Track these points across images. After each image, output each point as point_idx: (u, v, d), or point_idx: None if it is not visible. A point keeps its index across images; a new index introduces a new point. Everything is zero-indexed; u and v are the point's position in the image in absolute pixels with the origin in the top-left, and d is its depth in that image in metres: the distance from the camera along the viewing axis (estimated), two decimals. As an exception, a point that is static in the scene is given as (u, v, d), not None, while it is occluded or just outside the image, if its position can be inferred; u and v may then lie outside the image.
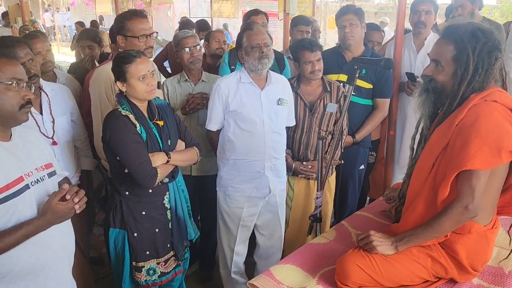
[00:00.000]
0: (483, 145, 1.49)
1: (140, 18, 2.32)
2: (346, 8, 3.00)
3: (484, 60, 1.55)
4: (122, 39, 2.31)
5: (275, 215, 2.63)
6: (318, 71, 2.59)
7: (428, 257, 1.66)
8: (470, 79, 1.57)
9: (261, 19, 3.23)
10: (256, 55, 2.30)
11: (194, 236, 2.32)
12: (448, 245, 1.66)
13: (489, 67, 1.56)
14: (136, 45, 2.25)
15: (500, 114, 1.52)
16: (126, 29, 2.29)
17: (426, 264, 1.66)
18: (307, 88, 2.68)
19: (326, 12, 13.78)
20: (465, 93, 1.59)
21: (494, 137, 1.49)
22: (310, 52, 2.57)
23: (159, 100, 2.18)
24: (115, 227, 2.09)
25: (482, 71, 1.55)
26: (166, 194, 2.13)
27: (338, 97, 2.69)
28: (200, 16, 10.70)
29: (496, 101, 1.55)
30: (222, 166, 2.51)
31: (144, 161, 1.95)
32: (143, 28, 2.30)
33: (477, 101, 1.55)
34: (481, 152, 1.48)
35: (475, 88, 1.58)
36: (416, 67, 3.11)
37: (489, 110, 1.53)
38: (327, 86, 2.68)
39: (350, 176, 3.04)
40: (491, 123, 1.51)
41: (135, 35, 2.28)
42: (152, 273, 2.14)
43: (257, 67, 2.32)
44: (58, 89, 2.40)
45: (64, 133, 2.36)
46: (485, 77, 1.57)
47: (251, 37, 2.33)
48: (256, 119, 2.37)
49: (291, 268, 1.80)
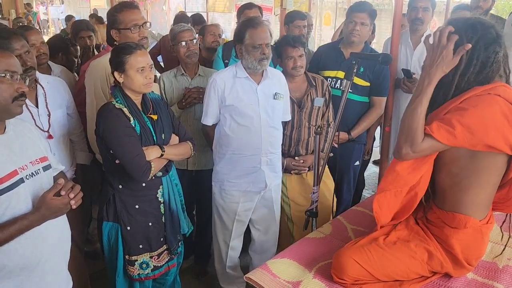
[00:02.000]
0: (464, 124, 1.48)
1: (130, 9, 2.29)
2: (362, 6, 2.91)
3: (480, 52, 1.53)
4: (116, 33, 2.29)
5: (271, 210, 2.64)
6: (300, 67, 2.59)
7: (426, 251, 1.67)
8: (464, 70, 1.55)
9: (255, 13, 3.22)
10: (257, 55, 2.29)
11: (188, 230, 2.32)
12: (444, 239, 1.67)
13: (486, 60, 1.53)
14: (130, 37, 2.23)
15: (499, 108, 1.50)
16: (118, 22, 2.27)
17: (423, 259, 1.67)
18: (292, 84, 2.67)
19: (322, 8, 13.74)
20: (459, 84, 1.57)
21: (480, 126, 1.48)
22: (292, 48, 2.57)
23: (153, 94, 2.17)
24: (109, 221, 2.09)
25: (477, 63, 1.53)
26: (160, 188, 2.12)
27: (323, 90, 2.71)
28: (195, 10, 10.65)
29: (500, 95, 1.53)
30: (218, 161, 2.51)
31: (138, 154, 1.94)
32: (135, 18, 2.28)
33: (479, 92, 1.53)
34: (462, 128, 1.48)
35: (471, 80, 1.56)
36: (413, 64, 3.12)
37: (491, 102, 1.51)
38: (311, 80, 2.69)
39: (345, 172, 3.05)
40: (487, 114, 1.49)
41: (127, 26, 2.26)
42: (145, 267, 2.14)
43: (256, 67, 2.31)
44: (54, 82, 2.38)
45: (60, 127, 2.34)
46: (481, 70, 1.55)
47: (255, 36, 2.29)
48: (252, 113, 2.37)
49: (287, 262, 1.80)
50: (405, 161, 1.62)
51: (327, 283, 1.68)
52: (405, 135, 1.55)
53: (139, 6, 2.40)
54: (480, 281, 1.70)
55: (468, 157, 1.57)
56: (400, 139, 1.57)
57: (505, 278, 1.70)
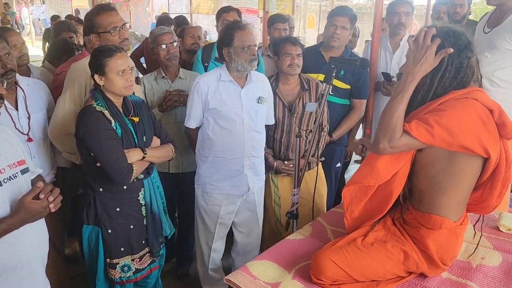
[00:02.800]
0: (441, 121, 1.53)
1: (107, 11, 2.26)
2: (343, 10, 2.97)
3: (454, 57, 1.59)
4: (96, 37, 2.26)
5: (253, 213, 2.65)
6: (296, 66, 2.61)
7: (402, 251, 1.70)
8: (441, 74, 1.61)
9: (233, 16, 3.22)
10: (247, 57, 2.30)
11: (170, 232, 2.32)
12: (419, 240, 1.71)
13: (460, 65, 1.60)
14: (110, 40, 2.21)
15: (476, 113, 1.56)
16: (96, 26, 2.24)
17: (399, 260, 1.70)
18: (285, 87, 2.69)
19: (306, 11, 13.84)
20: (437, 88, 1.62)
21: (457, 125, 1.53)
22: (292, 45, 2.59)
23: (134, 96, 2.16)
24: (89, 224, 2.08)
25: (451, 68, 1.59)
26: (141, 191, 2.12)
27: (317, 94, 2.72)
28: (179, 12, 10.62)
29: (477, 99, 1.59)
30: (201, 164, 2.51)
31: (120, 157, 1.94)
32: (113, 21, 2.24)
33: (457, 96, 1.59)
34: (438, 128, 1.53)
35: (446, 85, 1.61)
36: (392, 67, 3.18)
37: (468, 105, 1.56)
38: (304, 84, 2.71)
39: (326, 173, 3.07)
40: (465, 116, 1.55)
41: (106, 29, 2.23)
42: (127, 270, 2.13)
43: (247, 68, 2.33)
44: (34, 85, 2.35)
45: (40, 130, 2.31)
46: (455, 74, 1.60)
47: (243, 38, 2.31)
48: (235, 117, 2.38)
49: (267, 264, 1.82)
50: (381, 157, 1.66)
51: (306, 284, 1.70)
52: (384, 130, 1.59)
53: (115, 8, 2.37)
54: (454, 280, 1.74)
55: (445, 159, 1.62)
56: (378, 134, 1.62)
57: (478, 276, 1.75)
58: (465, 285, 1.69)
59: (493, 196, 1.71)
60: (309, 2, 14.69)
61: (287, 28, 3.58)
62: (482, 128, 1.56)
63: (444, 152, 1.60)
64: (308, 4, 14.40)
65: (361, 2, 17.18)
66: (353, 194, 1.80)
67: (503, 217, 2.14)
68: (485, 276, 1.76)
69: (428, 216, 1.70)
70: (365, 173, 1.73)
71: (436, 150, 1.61)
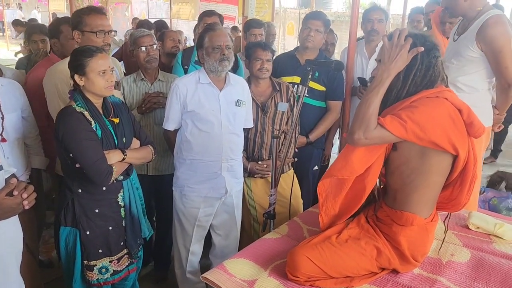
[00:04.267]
0: (413, 116, 1.61)
1: (99, 14, 2.29)
2: (317, 14, 3.14)
3: (424, 57, 1.68)
4: (79, 34, 2.27)
5: (231, 216, 2.66)
6: (266, 70, 2.67)
7: (375, 248, 1.75)
8: (414, 72, 1.69)
9: (214, 20, 3.25)
10: (217, 56, 2.32)
11: (148, 234, 2.31)
12: (392, 237, 1.76)
13: (429, 64, 1.69)
14: (93, 41, 2.22)
15: (447, 111, 1.65)
16: (83, 24, 2.25)
17: (372, 256, 1.75)
18: (258, 89, 2.75)
19: (285, 18, 13.99)
20: (409, 86, 1.71)
21: (429, 122, 1.61)
22: (262, 50, 2.65)
23: (114, 98, 2.16)
24: (66, 226, 2.06)
25: (422, 67, 1.68)
26: (120, 192, 2.12)
27: (288, 95, 2.78)
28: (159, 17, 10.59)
29: (447, 99, 1.67)
30: (179, 166, 2.52)
31: (99, 158, 1.93)
32: (102, 24, 2.27)
33: (428, 95, 1.67)
34: (411, 123, 1.61)
35: (418, 83, 1.70)
36: (368, 73, 3.26)
37: (439, 104, 1.65)
38: (276, 85, 2.77)
39: (304, 176, 3.12)
40: (436, 113, 1.63)
41: (93, 30, 2.24)
42: (105, 272, 2.11)
43: (217, 68, 2.34)
44: (8, 85, 2.32)
45: (14, 130, 2.29)
46: (426, 72, 1.69)
47: (213, 38, 2.35)
48: (213, 120, 2.40)
49: (243, 262, 1.84)
50: (356, 149, 1.73)
51: (281, 281, 1.73)
52: (359, 121, 1.67)
53: (106, 13, 2.40)
54: (425, 276, 1.79)
55: (418, 158, 1.69)
56: (354, 125, 1.69)
57: (448, 272, 1.81)
58: (436, 281, 1.75)
59: (462, 194, 1.79)
60: (289, 10, 14.88)
61: (262, 33, 3.63)
62: (452, 126, 1.65)
63: (417, 151, 1.68)
64: (288, 11, 14.57)
65: (340, 10, 17.51)
66: (328, 190, 1.86)
67: (472, 216, 2.22)
68: (455, 271, 1.82)
69: (400, 213, 1.76)
70: (340, 166, 1.79)
71: (409, 149, 1.69)
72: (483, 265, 1.85)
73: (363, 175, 1.77)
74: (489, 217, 2.22)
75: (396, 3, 13.11)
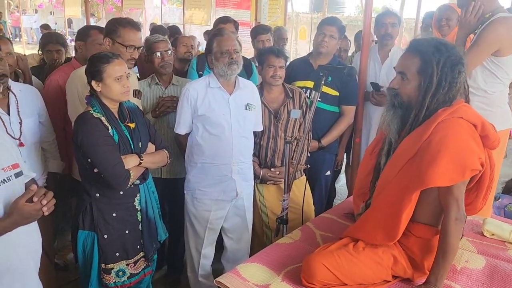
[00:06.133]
0: (449, 163, 1.58)
1: (134, 29, 2.31)
2: (332, 20, 3.11)
3: (448, 73, 1.63)
4: (109, 42, 2.29)
5: (243, 219, 2.67)
6: (278, 77, 2.67)
7: (392, 257, 1.74)
8: (434, 92, 1.64)
9: (230, 28, 3.26)
10: (226, 60, 2.35)
11: (164, 237, 2.34)
12: (408, 247, 1.76)
13: (452, 80, 1.64)
14: (121, 53, 2.22)
15: (466, 132, 1.62)
16: (117, 34, 2.27)
17: (388, 265, 1.74)
18: (270, 95, 2.76)
19: (297, 22, 14.00)
20: (430, 105, 1.66)
21: (461, 156, 1.59)
22: (275, 57, 2.66)
23: (129, 103, 2.20)
24: (84, 229, 2.09)
25: (445, 84, 1.63)
26: (137, 196, 2.15)
27: (300, 102, 2.78)
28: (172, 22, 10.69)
29: (462, 117, 1.64)
30: (190, 170, 2.54)
31: (117, 163, 1.96)
32: (134, 39, 2.30)
33: (445, 117, 1.63)
34: (447, 170, 1.58)
35: (440, 101, 1.66)
36: (381, 77, 3.24)
37: (457, 128, 1.62)
38: (288, 92, 2.77)
39: (316, 181, 3.11)
40: (458, 142, 1.60)
41: (124, 43, 2.26)
42: (122, 275, 2.14)
43: (226, 72, 2.37)
44: (26, 90, 2.38)
45: (32, 135, 2.34)
46: (449, 90, 1.65)
47: (221, 43, 2.38)
48: (224, 123, 2.42)
49: (257, 267, 1.85)
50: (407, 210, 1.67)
51: (294, 286, 1.73)
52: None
53: (140, 29, 2.41)
54: (440, 282, 1.78)
55: None
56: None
57: (462, 279, 1.79)
58: (450, 287, 1.74)
59: (478, 199, 1.79)
60: (301, 14, 14.89)
61: (270, 38, 3.62)
62: (475, 145, 1.63)
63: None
64: (300, 16, 14.58)
65: (352, 15, 17.47)
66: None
67: (486, 223, 2.19)
68: (469, 278, 1.80)
69: (418, 225, 1.75)
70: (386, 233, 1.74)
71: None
72: (498, 272, 1.83)
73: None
74: (504, 224, 2.19)
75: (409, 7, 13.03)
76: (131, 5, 10.09)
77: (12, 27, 18.08)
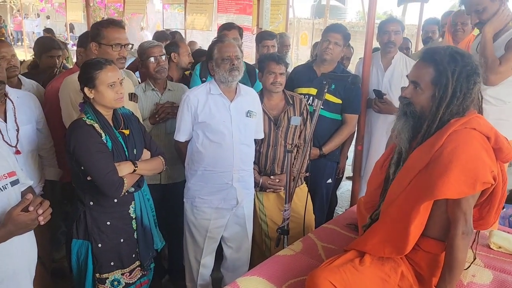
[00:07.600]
0: (461, 175, 1.53)
1: (117, 27, 2.29)
2: (338, 27, 3.07)
3: (463, 83, 1.58)
4: (96, 46, 2.28)
5: (243, 228, 2.63)
6: (279, 84, 2.64)
7: (399, 272, 1.70)
8: (448, 102, 1.60)
9: (234, 34, 3.24)
10: (227, 67, 2.32)
11: (160, 245, 2.30)
12: (416, 262, 1.72)
13: (467, 91, 1.59)
14: (109, 54, 2.22)
15: (479, 143, 1.57)
16: (101, 36, 2.26)
17: (395, 282, 1.69)
18: (270, 102, 2.72)
19: (299, 28, 14.01)
20: (443, 116, 1.62)
21: (472, 168, 1.54)
22: (276, 64, 2.62)
23: (124, 109, 2.16)
24: (79, 238, 2.05)
25: (460, 95, 1.58)
26: (132, 204, 2.11)
27: (301, 109, 2.75)
28: (173, 27, 10.69)
29: (475, 128, 1.59)
30: (190, 177, 2.50)
31: (110, 170, 1.93)
32: (119, 37, 2.27)
33: (457, 128, 1.59)
34: (458, 182, 1.53)
35: (454, 112, 1.61)
36: (383, 85, 3.21)
37: (469, 139, 1.57)
38: (289, 99, 2.74)
39: (317, 189, 3.07)
40: (470, 153, 1.55)
41: (109, 43, 2.25)
42: (117, 284, 2.10)
43: (227, 79, 2.34)
44: (24, 97, 2.35)
45: (29, 142, 2.30)
46: (463, 101, 1.60)
47: (222, 49, 2.35)
48: (224, 130, 2.39)
49: (257, 280, 1.80)
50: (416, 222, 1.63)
51: (296, 301, 1.69)
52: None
53: (125, 27, 2.39)
54: (446, 297, 1.73)
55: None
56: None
57: (468, 294, 1.74)
58: (456, 303, 1.69)
59: (490, 214, 1.73)
60: (302, 20, 14.91)
61: (275, 45, 3.61)
62: (488, 158, 1.58)
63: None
64: (301, 22, 14.60)
65: (354, 21, 17.50)
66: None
67: (493, 235, 2.14)
68: (476, 294, 1.75)
69: (426, 240, 1.70)
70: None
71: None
72: None
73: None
74: (511, 236, 2.14)
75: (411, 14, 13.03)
76: (132, 10, 10.09)
77: (14, 31, 18.13)
